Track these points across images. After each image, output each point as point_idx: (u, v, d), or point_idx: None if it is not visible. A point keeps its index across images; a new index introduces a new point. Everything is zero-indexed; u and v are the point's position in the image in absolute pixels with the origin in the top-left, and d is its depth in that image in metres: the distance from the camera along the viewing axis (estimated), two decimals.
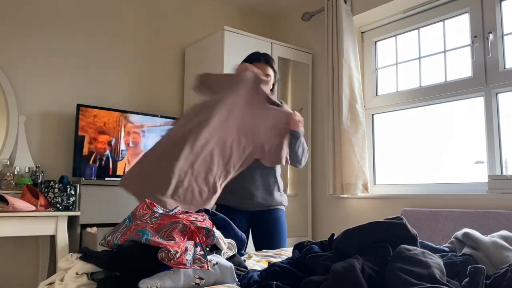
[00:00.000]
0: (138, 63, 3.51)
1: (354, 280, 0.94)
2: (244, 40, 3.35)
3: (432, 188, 2.97)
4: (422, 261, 0.99)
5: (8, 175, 2.70)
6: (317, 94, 3.72)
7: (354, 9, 3.44)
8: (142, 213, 1.42)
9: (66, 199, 2.59)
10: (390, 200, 3.06)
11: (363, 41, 3.60)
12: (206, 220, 1.38)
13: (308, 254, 1.18)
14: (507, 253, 1.20)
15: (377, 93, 3.48)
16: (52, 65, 3.11)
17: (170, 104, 3.64)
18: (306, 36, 3.90)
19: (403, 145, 3.26)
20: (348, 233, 1.18)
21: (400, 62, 3.35)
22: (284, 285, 1.09)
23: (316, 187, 3.65)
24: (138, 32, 3.53)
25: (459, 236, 1.34)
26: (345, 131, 3.23)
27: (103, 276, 1.22)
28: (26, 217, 2.42)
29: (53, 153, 3.05)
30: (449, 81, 2.99)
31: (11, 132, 2.85)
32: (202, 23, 3.90)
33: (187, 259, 1.17)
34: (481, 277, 0.98)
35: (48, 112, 3.07)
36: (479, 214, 2.46)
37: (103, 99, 3.30)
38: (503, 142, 2.71)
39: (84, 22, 3.28)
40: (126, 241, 1.26)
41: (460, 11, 2.98)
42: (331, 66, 3.37)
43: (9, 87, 2.89)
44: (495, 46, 2.76)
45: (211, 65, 3.34)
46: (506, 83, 2.69)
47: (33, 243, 2.96)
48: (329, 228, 3.48)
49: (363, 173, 3.20)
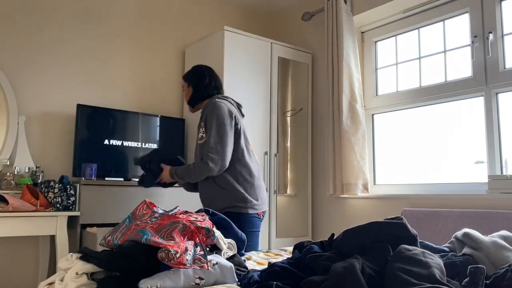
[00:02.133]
0: (138, 63, 3.51)
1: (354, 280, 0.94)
2: (244, 40, 3.35)
3: (432, 188, 2.97)
4: (422, 261, 0.99)
5: (8, 175, 2.70)
6: (317, 94, 3.72)
7: (354, 9, 3.44)
8: (142, 213, 1.42)
9: (66, 199, 2.59)
10: (390, 200, 3.06)
11: (363, 41, 3.60)
12: (206, 220, 1.38)
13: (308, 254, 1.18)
14: (507, 253, 1.20)
15: (377, 93, 3.48)
16: (52, 65, 3.11)
17: (170, 104, 3.64)
18: (306, 36, 3.90)
19: (403, 145, 3.26)
20: (348, 233, 1.18)
21: (400, 62, 3.35)
22: (284, 285, 1.09)
23: (316, 187, 3.65)
24: (138, 32, 3.53)
25: (459, 236, 1.34)
26: (345, 131, 3.23)
27: (103, 276, 1.22)
28: (26, 217, 2.42)
29: (53, 153, 3.05)
30: (449, 81, 2.99)
31: (11, 132, 2.85)
32: (202, 23, 3.90)
33: (187, 259, 1.17)
34: (481, 277, 0.98)
35: (48, 112, 3.07)
36: (479, 214, 2.46)
37: (103, 99, 3.30)
38: (503, 142, 2.71)
39: (84, 22, 3.28)
40: (126, 241, 1.26)
41: (460, 11, 2.98)
42: (331, 66, 3.37)
43: (9, 87, 2.89)
44: (495, 46, 2.76)
45: (211, 65, 3.33)
46: (506, 83, 2.69)
47: (33, 243, 2.96)
48: (329, 228, 3.48)
49: (363, 173, 3.20)
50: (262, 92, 3.41)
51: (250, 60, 3.36)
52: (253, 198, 2.25)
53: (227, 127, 2.22)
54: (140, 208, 1.45)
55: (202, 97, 2.41)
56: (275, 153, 3.44)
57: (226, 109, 2.26)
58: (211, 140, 2.19)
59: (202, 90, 2.41)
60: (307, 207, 3.61)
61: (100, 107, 3.09)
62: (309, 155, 3.67)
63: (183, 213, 1.40)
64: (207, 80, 2.42)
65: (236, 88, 3.23)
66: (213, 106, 2.26)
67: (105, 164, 3.05)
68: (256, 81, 3.38)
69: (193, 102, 2.45)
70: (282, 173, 3.53)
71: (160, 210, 1.44)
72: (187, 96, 2.46)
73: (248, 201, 2.22)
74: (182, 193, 3.09)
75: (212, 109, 2.25)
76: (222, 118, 2.22)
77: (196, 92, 2.42)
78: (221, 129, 2.20)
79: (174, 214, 1.37)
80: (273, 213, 3.37)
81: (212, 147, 2.17)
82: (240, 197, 2.22)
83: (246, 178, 2.26)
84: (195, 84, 2.42)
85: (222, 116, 2.23)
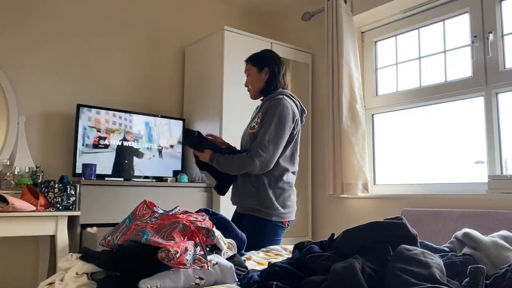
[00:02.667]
0: (138, 63, 3.51)
1: (354, 280, 0.94)
2: (244, 40, 3.35)
3: (432, 188, 2.97)
4: (422, 261, 0.99)
5: (8, 175, 2.70)
6: (317, 94, 3.72)
7: (354, 9, 3.44)
8: (142, 213, 1.42)
9: (66, 199, 2.59)
10: (390, 200, 3.06)
11: (363, 41, 3.60)
12: (206, 220, 1.38)
13: (308, 254, 1.18)
14: (507, 253, 1.20)
15: (377, 93, 3.48)
16: (52, 65, 3.11)
17: (170, 104, 3.64)
18: (306, 36, 3.90)
19: (403, 145, 3.26)
20: (348, 233, 1.18)
21: (400, 62, 3.35)
22: (284, 285, 1.09)
23: (316, 187, 3.65)
24: (138, 32, 3.53)
25: (459, 236, 1.34)
26: (345, 131, 3.22)
27: (103, 276, 1.22)
28: (26, 217, 2.42)
29: (53, 153, 3.05)
30: (449, 81, 2.99)
31: (11, 132, 2.85)
32: (202, 23, 3.90)
33: (187, 259, 1.17)
34: (481, 277, 0.98)
35: (48, 112, 3.07)
36: (479, 214, 2.46)
37: (103, 99, 3.30)
38: (503, 142, 2.71)
39: (84, 22, 3.28)
40: (126, 241, 1.26)
41: (460, 11, 2.98)
42: (331, 66, 3.37)
43: (9, 87, 2.89)
44: (495, 46, 2.76)
45: (211, 65, 3.34)
46: (506, 83, 2.69)
47: (33, 243, 2.96)
48: (329, 228, 3.47)
49: (363, 173, 3.20)
50: None
51: None
52: (280, 205, 2.12)
53: (286, 129, 2.08)
54: (140, 208, 1.44)
55: (273, 87, 2.22)
56: None
57: (291, 110, 2.13)
58: (266, 137, 2.05)
59: (278, 77, 2.22)
60: (307, 207, 3.61)
61: (100, 107, 3.09)
62: (309, 155, 3.67)
63: (183, 213, 1.40)
64: (283, 70, 2.25)
65: (236, 88, 3.23)
66: (279, 102, 2.11)
67: (105, 164, 3.05)
68: None
69: (267, 89, 2.23)
70: None
71: (160, 210, 1.44)
72: (259, 81, 2.23)
73: (274, 208, 2.10)
74: (182, 193, 3.09)
75: (277, 105, 2.10)
76: (285, 118, 2.08)
77: (273, 78, 2.22)
78: (280, 129, 2.07)
79: (174, 214, 1.37)
80: None
81: (265, 144, 2.04)
82: (267, 202, 2.10)
83: (280, 184, 2.13)
84: (273, 69, 2.22)
85: (286, 116, 2.09)
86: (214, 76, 3.29)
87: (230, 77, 3.24)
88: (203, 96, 3.41)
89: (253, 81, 2.26)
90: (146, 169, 3.22)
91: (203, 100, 3.40)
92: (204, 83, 3.41)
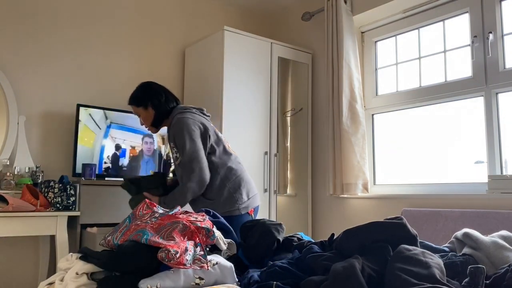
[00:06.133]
0: (138, 62, 3.51)
1: (354, 280, 0.94)
2: (244, 40, 3.35)
3: (432, 188, 2.97)
4: (422, 261, 0.99)
5: (8, 175, 2.70)
6: (317, 94, 3.72)
7: (354, 9, 3.44)
8: (142, 213, 1.42)
9: (66, 199, 2.59)
10: (390, 200, 3.06)
11: (363, 41, 3.60)
12: (206, 220, 1.38)
13: (308, 254, 1.18)
14: (507, 253, 1.20)
15: (377, 93, 3.48)
16: (52, 65, 3.11)
17: None
18: (306, 36, 3.90)
19: (403, 145, 3.26)
20: (348, 233, 1.18)
21: (400, 62, 3.35)
22: (284, 285, 1.09)
23: (316, 187, 3.65)
24: (138, 32, 3.53)
25: (459, 236, 1.34)
26: (345, 131, 3.23)
27: (103, 276, 1.22)
28: (26, 217, 2.42)
29: (53, 153, 3.05)
30: (449, 81, 2.99)
31: (11, 132, 2.85)
32: (202, 23, 3.90)
33: (187, 259, 1.17)
34: (481, 277, 0.98)
35: (48, 112, 3.07)
36: (479, 214, 2.46)
37: (103, 99, 3.30)
38: (503, 142, 2.71)
39: (84, 22, 3.28)
40: (126, 241, 1.26)
41: (460, 11, 2.98)
42: (331, 66, 3.37)
43: (9, 87, 2.89)
44: (495, 46, 2.76)
45: (211, 65, 3.34)
46: (506, 83, 2.69)
47: (33, 243, 2.96)
48: (329, 228, 3.47)
49: (363, 173, 3.20)
50: (262, 92, 3.41)
51: (250, 60, 3.36)
52: (241, 197, 2.21)
53: (196, 140, 2.17)
54: (140, 208, 1.45)
55: (166, 114, 2.33)
56: (275, 153, 3.44)
57: (191, 121, 2.20)
58: (186, 159, 2.14)
59: (164, 107, 2.32)
60: (307, 207, 3.61)
61: (100, 107, 3.09)
62: (309, 155, 3.67)
63: (183, 213, 1.40)
64: (163, 95, 2.35)
65: (236, 88, 3.23)
66: (177, 123, 2.20)
67: (105, 164, 3.05)
68: (256, 81, 3.38)
69: (158, 122, 2.36)
70: (282, 173, 3.54)
71: (160, 210, 1.44)
72: (149, 119, 2.35)
73: (238, 203, 2.20)
74: None
75: (177, 127, 2.19)
76: (190, 133, 2.17)
77: (159, 111, 2.33)
78: (193, 144, 2.15)
79: (174, 214, 1.37)
80: (273, 213, 3.37)
81: (189, 166, 2.13)
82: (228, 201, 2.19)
83: (231, 179, 2.22)
84: (155, 103, 2.32)
85: (189, 131, 2.17)
86: (214, 76, 3.29)
87: (230, 77, 3.24)
88: (203, 96, 3.41)
89: (146, 120, 2.37)
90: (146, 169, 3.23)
91: (203, 100, 3.40)
92: (204, 83, 3.41)
